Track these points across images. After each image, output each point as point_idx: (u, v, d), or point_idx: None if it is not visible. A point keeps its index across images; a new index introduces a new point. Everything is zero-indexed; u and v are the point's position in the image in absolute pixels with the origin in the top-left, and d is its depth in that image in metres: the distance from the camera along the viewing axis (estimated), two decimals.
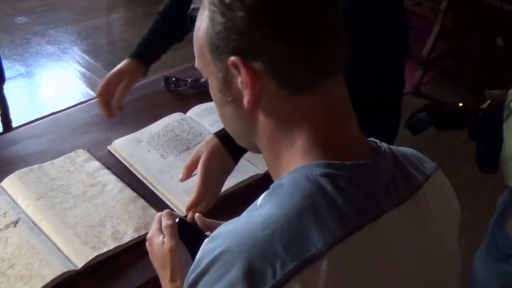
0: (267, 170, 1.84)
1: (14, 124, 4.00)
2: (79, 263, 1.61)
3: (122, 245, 1.68)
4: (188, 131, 2.05)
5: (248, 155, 1.95)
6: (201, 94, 2.33)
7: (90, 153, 1.99)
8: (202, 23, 1.05)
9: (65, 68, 4.85)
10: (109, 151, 1.99)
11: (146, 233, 1.62)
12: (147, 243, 1.34)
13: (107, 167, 1.93)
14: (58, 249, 1.66)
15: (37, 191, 1.81)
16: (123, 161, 1.94)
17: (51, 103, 4.31)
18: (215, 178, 1.66)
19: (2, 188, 1.84)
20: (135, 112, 2.13)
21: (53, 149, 2.00)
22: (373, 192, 1.00)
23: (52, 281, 1.54)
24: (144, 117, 2.11)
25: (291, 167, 1.02)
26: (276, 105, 1.02)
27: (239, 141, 1.19)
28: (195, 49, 1.10)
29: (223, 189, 1.81)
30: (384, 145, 1.09)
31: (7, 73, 4.10)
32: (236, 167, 1.90)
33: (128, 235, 1.71)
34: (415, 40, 4.92)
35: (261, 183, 1.93)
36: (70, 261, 1.62)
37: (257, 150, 1.13)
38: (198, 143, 1.90)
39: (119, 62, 2.04)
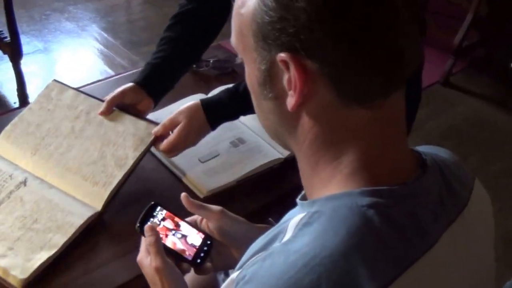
0: (289, 155, 1.89)
1: (30, 100, 4.05)
2: (98, 205, 1.68)
3: (128, 170, 1.74)
4: None
5: (269, 138, 1.97)
6: (223, 75, 2.36)
7: (60, 82, 2.00)
8: (251, 1, 0.93)
9: (84, 45, 4.87)
10: None
11: (146, 150, 1.76)
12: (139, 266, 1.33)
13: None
14: (73, 197, 1.71)
15: (29, 146, 1.83)
16: None
17: (68, 80, 4.28)
18: (189, 140, 1.77)
19: None
20: None
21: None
22: (423, 220, 0.93)
23: (80, 226, 1.61)
24: (165, 97, 2.12)
25: (330, 187, 0.95)
26: (327, 114, 0.93)
27: (271, 136, 1.09)
28: (234, 25, 1.00)
29: (243, 172, 1.86)
30: (428, 157, 1.02)
31: (25, 49, 4.13)
32: (257, 150, 1.94)
33: (130, 157, 1.76)
34: (446, 28, 4.92)
35: (282, 168, 1.94)
36: (88, 205, 1.68)
37: (290, 150, 1.05)
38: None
39: (138, 41, 2.05)
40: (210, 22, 1.99)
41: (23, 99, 4.05)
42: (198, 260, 1.36)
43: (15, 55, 3.97)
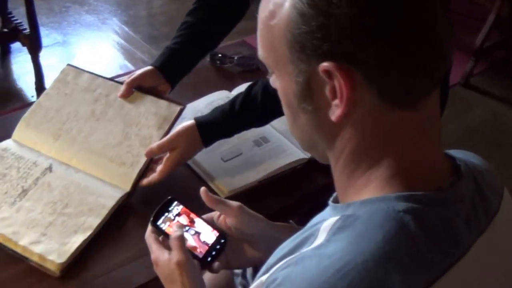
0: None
1: None
2: (127, 186, 1.69)
3: None
4: None
5: (293, 138, 1.94)
6: (247, 72, 2.34)
7: (74, 66, 2.01)
8: (282, 11, 0.90)
9: (103, 39, 4.85)
10: None
11: (170, 127, 1.77)
12: (154, 265, 1.32)
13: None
14: (101, 179, 1.72)
15: (50, 132, 1.84)
16: None
17: None
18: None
19: (16, 141, 1.85)
20: (179, 87, 2.12)
21: None
22: (457, 227, 0.92)
23: (112, 207, 1.63)
24: (188, 93, 2.11)
25: (366, 192, 0.94)
26: (369, 120, 0.90)
27: (305, 148, 1.09)
28: (262, 38, 0.97)
29: (266, 172, 1.83)
30: (462, 162, 1.00)
31: (44, 41, 4.13)
32: (281, 150, 1.91)
33: (155, 136, 1.77)
34: (467, 29, 4.87)
35: (305, 168, 1.91)
36: (117, 187, 1.69)
37: (325, 161, 1.03)
38: None
39: (158, 36, 2.04)
40: (231, 9, 1.99)
41: (41, 92, 4.01)
42: (209, 258, 1.34)
43: (34, 47, 3.97)
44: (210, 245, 1.35)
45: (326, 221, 0.92)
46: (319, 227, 0.92)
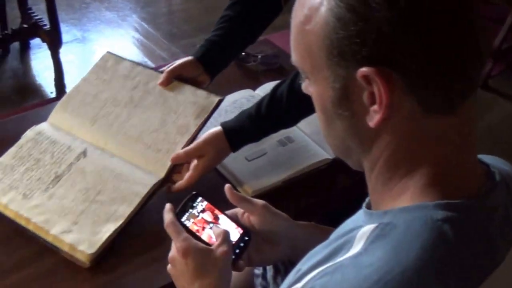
0: (337, 156, 1.83)
1: (67, 90, 4.03)
2: (161, 173, 1.69)
3: (191, 137, 1.75)
4: None
5: (317, 138, 1.92)
6: (270, 71, 2.32)
7: (114, 54, 2.01)
8: (318, 16, 0.88)
9: (123, 36, 4.84)
10: None
11: (208, 117, 1.78)
12: (178, 254, 1.26)
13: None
14: (135, 165, 1.72)
15: (88, 116, 1.84)
16: None
17: None
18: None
19: (52, 124, 1.85)
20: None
21: None
22: (493, 236, 0.90)
23: (145, 196, 1.62)
24: (212, 91, 2.08)
25: (402, 199, 0.92)
26: (407, 126, 0.89)
27: (339, 155, 1.05)
28: (297, 43, 0.94)
29: (290, 173, 1.82)
30: (496, 169, 0.98)
31: (64, 37, 4.13)
32: (305, 150, 1.90)
33: (192, 125, 1.78)
34: None
35: (329, 169, 1.89)
36: (151, 173, 1.69)
37: (358, 168, 1.01)
38: None
39: (178, 33, 2.03)
40: (268, 5, 1.98)
41: (60, 89, 4.03)
42: (232, 257, 1.31)
43: (55, 43, 3.98)
44: (234, 243, 1.33)
45: (362, 229, 0.91)
46: (355, 235, 0.90)
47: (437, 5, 0.81)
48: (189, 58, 1.91)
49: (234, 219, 1.38)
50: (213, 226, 1.35)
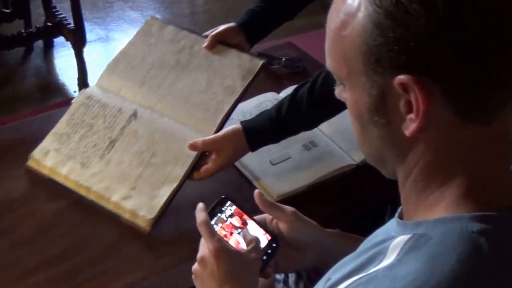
0: (361, 161, 1.83)
1: None
2: (210, 131, 1.75)
3: (237, 97, 1.83)
4: None
5: (342, 143, 1.91)
6: (294, 74, 2.31)
7: (158, 19, 2.07)
8: (356, 22, 0.86)
9: None
10: None
11: (253, 79, 1.84)
12: (209, 255, 1.22)
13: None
14: (184, 124, 1.77)
15: (135, 78, 1.89)
16: None
17: None
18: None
19: (101, 87, 1.91)
20: None
21: None
22: None
23: (196, 156, 1.69)
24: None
25: (437, 210, 0.90)
26: (444, 135, 0.87)
27: (373, 162, 1.03)
28: (333, 49, 0.93)
29: (315, 177, 1.81)
30: None
31: (87, 36, 4.11)
32: (329, 155, 1.90)
33: (239, 86, 1.84)
34: None
35: (353, 174, 1.88)
36: (200, 131, 1.75)
37: (392, 176, 0.99)
38: None
39: (200, 34, 2.02)
40: None
41: (84, 87, 4.00)
42: (260, 264, 1.30)
43: (79, 42, 3.98)
44: (262, 249, 1.31)
45: (395, 239, 0.89)
46: (388, 245, 0.89)
47: (477, 14, 0.79)
48: (232, 24, 1.99)
49: (263, 225, 1.36)
50: (242, 231, 1.33)
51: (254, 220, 1.37)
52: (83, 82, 4.02)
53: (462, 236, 0.83)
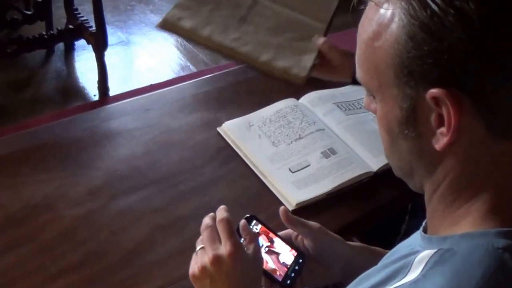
0: (380, 169, 1.82)
1: (111, 93, 4.08)
2: (327, 17, 1.96)
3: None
4: (301, 119, 2.01)
5: (360, 150, 1.91)
6: (315, 79, 2.28)
7: None
8: (389, 33, 0.86)
9: (167, 40, 4.83)
10: (218, 132, 1.96)
11: None
12: (225, 254, 1.19)
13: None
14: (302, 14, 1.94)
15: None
16: (231, 144, 1.91)
17: (150, 74, 4.35)
18: None
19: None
20: (246, 93, 2.12)
21: (161, 124, 1.99)
22: None
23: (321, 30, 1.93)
24: (255, 99, 2.09)
25: (463, 225, 0.90)
26: (474, 151, 0.88)
27: (400, 175, 1.03)
28: (364, 59, 0.93)
29: (334, 185, 1.79)
30: None
31: (109, 39, 4.13)
32: (348, 162, 1.89)
33: None
34: None
35: (371, 182, 1.87)
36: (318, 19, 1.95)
37: (419, 190, 1.00)
38: (312, 133, 1.93)
39: None
40: None
41: (104, 91, 4.06)
42: (288, 281, 1.31)
43: (100, 46, 4.00)
44: (288, 266, 1.32)
45: (420, 254, 0.90)
46: (413, 260, 0.89)
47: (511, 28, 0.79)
48: None
49: (288, 241, 1.36)
50: (268, 249, 1.33)
51: (280, 237, 1.36)
52: (103, 86, 4.05)
53: (488, 252, 0.83)
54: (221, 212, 1.27)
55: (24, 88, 4.14)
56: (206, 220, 1.27)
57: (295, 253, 1.34)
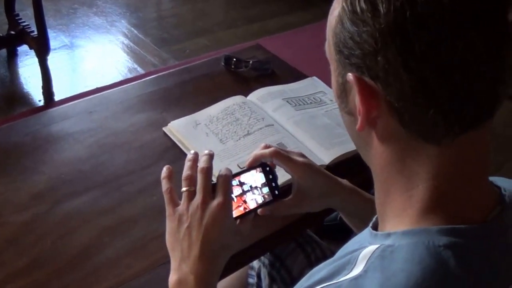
0: (332, 162, 1.84)
1: (56, 97, 4.04)
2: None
3: None
4: (249, 115, 2.02)
5: (310, 143, 1.93)
6: (263, 77, 2.30)
7: None
8: (336, 10, 0.90)
9: (112, 42, 4.83)
10: (164, 132, 1.96)
11: None
12: (216, 201, 1.27)
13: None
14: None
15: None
16: (178, 143, 1.91)
17: (97, 78, 4.33)
18: None
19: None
20: (193, 92, 2.12)
21: (106, 126, 1.98)
22: (498, 263, 0.89)
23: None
24: (202, 98, 2.09)
25: (404, 218, 0.92)
26: (395, 141, 0.90)
27: (356, 148, 1.05)
28: (327, 28, 0.96)
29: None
30: (508, 193, 0.96)
31: (51, 44, 4.09)
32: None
33: None
34: None
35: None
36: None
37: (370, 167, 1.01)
38: (261, 128, 1.94)
39: (169, 39, 2.06)
40: None
41: (49, 96, 4.03)
42: (276, 192, 1.45)
43: (42, 50, 3.97)
44: (266, 182, 1.45)
45: (365, 249, 0.91)
46: (358, 255, 0.90)
47: (423, 22, 0.80)
48: None
49: (246, 169, 1.46)
50: (247, 191, 1.42)
51: (240, 172, 1.44)
52: (48, 91, 4.01)
53: (428, 250, 0.85)
54: (225, 168, 1.35)
55: None
56: (202, 161, 1.35)
57: (260, 169, 1.46)
